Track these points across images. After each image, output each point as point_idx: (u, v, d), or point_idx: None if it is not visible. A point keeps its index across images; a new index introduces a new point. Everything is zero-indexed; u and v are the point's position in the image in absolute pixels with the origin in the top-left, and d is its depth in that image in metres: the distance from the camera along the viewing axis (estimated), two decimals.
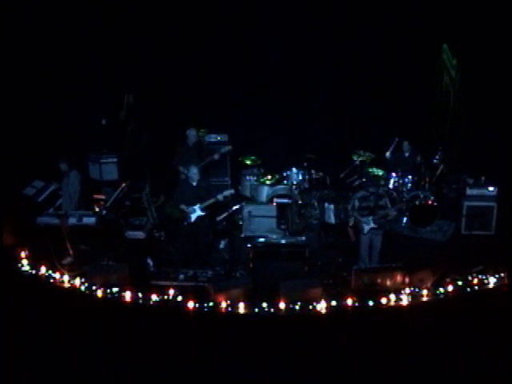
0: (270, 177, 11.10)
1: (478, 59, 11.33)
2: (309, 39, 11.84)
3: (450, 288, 8.22)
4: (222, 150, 10.79)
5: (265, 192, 10.73)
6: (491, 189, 10.23)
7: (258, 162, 11.65)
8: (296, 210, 10.57)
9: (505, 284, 8.35)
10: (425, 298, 8.10)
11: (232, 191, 9.49)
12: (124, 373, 7.00)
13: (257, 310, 7.83)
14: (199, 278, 8.71)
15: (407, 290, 8.16)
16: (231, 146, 11.11)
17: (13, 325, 7.68)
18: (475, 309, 7.81)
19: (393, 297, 8.01)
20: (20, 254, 9.16)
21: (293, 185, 10.94)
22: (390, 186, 10.69)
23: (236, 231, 9.99)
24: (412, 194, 10.51)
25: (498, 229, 10.06)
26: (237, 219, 10.23)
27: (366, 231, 8.85)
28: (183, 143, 10.50)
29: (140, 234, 9.53)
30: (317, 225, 10.51)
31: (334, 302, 7.90)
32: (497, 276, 8.41)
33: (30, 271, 8.87)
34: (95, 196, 10.50)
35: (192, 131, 10.46)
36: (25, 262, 9.04)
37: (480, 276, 8.44)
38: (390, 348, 7.17)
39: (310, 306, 7.82)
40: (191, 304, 7.92)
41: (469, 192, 10.33)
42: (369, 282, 8.32)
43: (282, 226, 10.32)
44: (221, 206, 9.42)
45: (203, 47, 11.92)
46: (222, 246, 9.95)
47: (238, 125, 12.00)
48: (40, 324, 7.65)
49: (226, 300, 7.91)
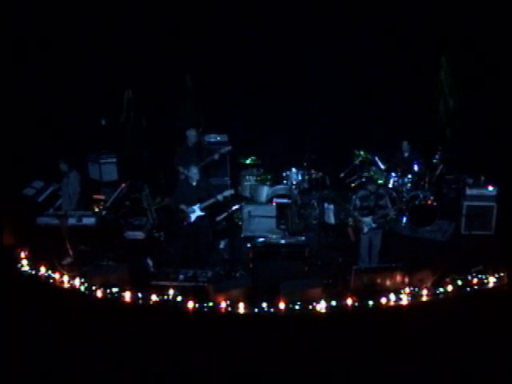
0: (268, 177, 11.10)
1: (477, 59, 11.34)
2: (309, 39, 11.83)
3: (450, 288, 8.22)
4: (222, 151, 10.79)
5: (264, 192, 10.72)
6: (491, 189, 10.22)
7: (258, 162, 11.65)
8: (296, 210, 10.57)
9: (504, 284, 8.36)
10: (424, 298, 8.10)
11: (232, 191, 9.48)
12: (124, 373, 6.99)
13: (257, 310, 7.83)
14: (199, 278, 8.71)
15: (407, 289, 8.16)
16: (231, 147, 11.11)
17: (13, 325, 7.67)
18: (475, 309, 7.80)
19: (392, 297, 8.01)
20: (20, 254, 9.17)
21: (292, 185, 10.95)
22: (390, 185, 10.70)
23: (236, 231, 9.99)
24: (412, 194, 10.52)
25: (497, 229, 10.06)
26: (236, 219, 10.22)
27: (366, 231, 8.86)
28: (183, 143, 10.50)
29: (140, 235, 9.53)
30: (316, 225, 10.49)
31: (333, 302, 7.90)
32: (496, 276, 8.41)
33: (29, 271, 8.87)
34: (95, 196, 10.51)
35: (192, 131, 10.47)
36: (24, 262, 9.05)
37: (480, 276, 8.44)
38: (389, 348, 7.16)
39: (310, 306, 7.82)
40: (191, 304, 7.92)
41: (468, 192, 10.31)
42: (368, 281, 8.32)
43: (282, 226, 10.32)
44: (220, 206, 9.42)
45: (203, 47, 11.91)
46: (221, 246, 9.95)
47: (238, 125, 12.00)
48: (40, 324, 7.64)
49: (225, 300, 7.91)
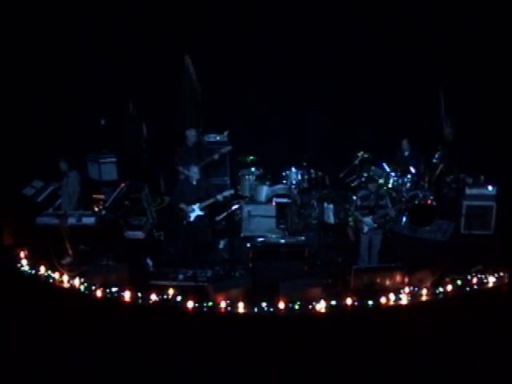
0: (268, 176, 11.09)
1: (477, 58, 11.34)
2: (309, 39, 11.81)
3: (450, 287, 8.23)
4: (222, 151, 10.79)
5: (264, 192, 10.71)
6: (490, 188, 10.22)
7: (258, 161, 11.64)
8: (295, 210, 10.57)
9: (504, 283, 8.36)
10: (424, 298, 8.11)
11: (232, 192, 9.50)
12: (124, 373, 7.00)
13: (256, 309, 7.83)
14: (199, 277, 8.73)
15: (407, 289, 8.16)
16: (231, 147, 11.11)
17: (12, 325, 7.67)
18: (474, 308, 7.81)
19: (392, 296, 8.01)
20: (19, 253, 9.18)
21: (292, 184, 10.95)
22: (390, 185, 10.69)
23: (236, 230, 9.99)
24: (411, 193, 10.52)
25: (497, 228, 10.06)
26: (236, 218, 10.22)
27: (366, 231, 8.86)
28: (183, 143, 10.49)
29: (139, 234, 9.54)
30: (316, 224, 10.49)
31: (333, 302, 7.91)
32: (496, 275, 8.41)
33: (29, 271, 8.87)
34: (94, 196, 10.49)
35: (191, 131, 10.46)
36: (24, 261, 9.06)
37: (479, 275, 8.45)
38: (389, 348, 7.17)
39: (310, 306, 7.82)
40: (191, 304, 7.92)
41: (468, 192, 10.31)
42: (368, 281, 8.33)
43: (282, 226, 10.32)
44: (220, 206, 9.42)
45: (203, 47, 11.90)
46: (221, 245, 9.95)
47: (238, 125, 12.01)
48: (39, 324, 7.64)
49: (225, 300, 7.91)
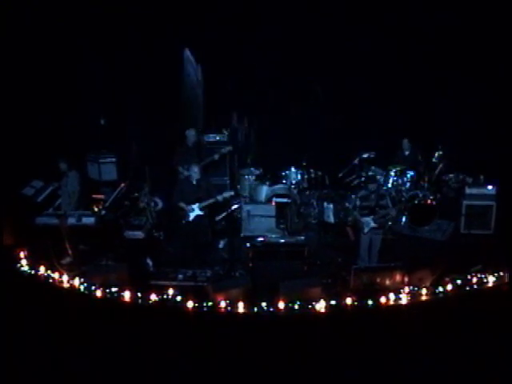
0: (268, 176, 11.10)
1: (477, 58, 11.35)
2: (309, 39, 11.82)
3: (449, 287, 8.22)
4: (222, 151, 10.79)
5: (264, 191, 10.71)
6: (490, 188, 10.22)
7: (257, 161, 11.65)
8: (295, 210, 10.58)
9: (504, 283, 8.36)
10: (424, 298, 8.10)
11: (232, 193, 9.53)
12: (124, 373, 6.99)
13: (256, 309, 7.82)
14: (198, 277, 8.73)
15: (406, 289, 8.15)
16: (231, 147, 11.10)
17: (12, 325, 7.66)
18: (474, 308, 7.81)
19: (392, 296, 8.01)
20: (19, 253, 9.16)
21: (292, 184, 10.95)
22: (389, 185, 10.69)
23: (235, 230, 10.00)
24: (411, 193, 10.51)
25: (496, 228, 10.06)
26: (236, 217, 10.22)
27: (366, 231, 8.86)
28: (183, 143, 10.49)
29: (139, 234, 9.54)
30: (316, 224, 10.50)
31: (333, 302, 7.90)
32: (496, 275, 8.41)
33: (29, 271, 8.86)
34: (94, 196, 10.51)
35: (191, 131, 10.46)
36: (24, 262, 9.04)
37: (479, 275, 8.44)
38: (389, 347, 7.17)
39: (310, 306, 7.82)
40: (190, 304, 7.91)
41: (468, 191, 10.32)
42: (368, 281, 8.32)
43: (281, 226, 10.32)
44: (220, 206, 9.42)
45: (203, 46, 11.90)
46: (221, 245, 9.95)
47: (238, 125, 12.00)
48: (39, 324, 7.63)
49: (225, 300, 7.91)
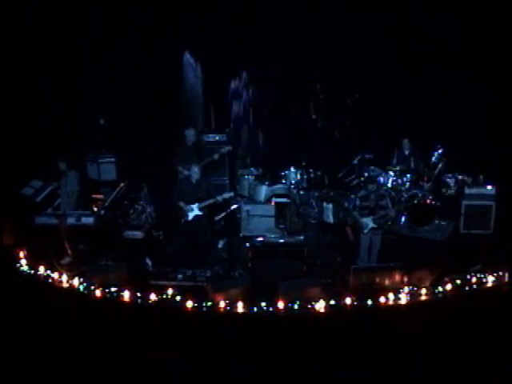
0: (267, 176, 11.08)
1: (477, 58, 11.35)
2: (309, 39, 11.82)
3: (449, 287, 8.23)
4: (222, 150, 10.77)
5: (263, 191, 10.71)
6: (489, 188, 10.22)
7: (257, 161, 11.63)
8: (294, 210, 10.57)
9: (503, 283, 8.36)
10: (423, 298, 8.10)
11: (232, 194, 9.55)
12: (123, 372, 6.99)
13: (255, 309, 7.83)
14: (198, 277, 8.73)
15: (406, 289, 8.16)
16: (231, 146, 11.10)
17: (11, 325, 7.66)
18: (474, 308, 7.81)
19: (391, 296, 8.01)
20: (18, 253, 9.16)
21: (291, 184, 10.95)
22: (389, 185, 10.69)
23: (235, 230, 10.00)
24: (410, 193, 10.51)
25: (496, 228, 10.06)
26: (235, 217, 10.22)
27: (366, 231, 8.86)
28: (182, 143, 10.49)
29: (138, 234, 9.53)
30: (315, 224, 10.47)
31: (332, 302, 7.91)
32: (495, 275, 8.41)
33: (28, 271, 8.86)
34: (94, 196, 10.50)
35: (190, 131, 10.44)
36: (23, 261, 9.04)
37: (478, 275, 8.45)
38: (388, 347, 7.17)
39: (309, 306, 7.82)
40: (190, 304, 7.92)
41: (467, 191, 10.31)
42: (367, 281, 8.33)
43: (281, 226, 10.32)
44: (219, 206, 9.42)
45: (202, 46, 11.91)
46: (220, 245, 9.95)
47: (237, 124, 12.00)
48: (39, 324, 7.63)
49: (224, 300, 7.91)
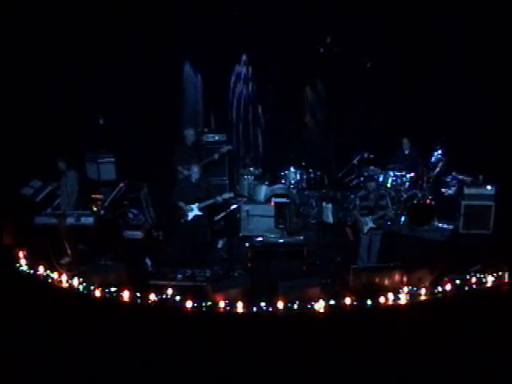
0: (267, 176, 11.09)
1: (476, 58, 11.35)
2: (309, 38, 11.82)
3: (448, 287, 8.23)
4: (222, 150, 10.78)
5: (263, 191, 10.71)
6: (489, 188, 10.22)
7: (256, 161, 11.65)
8: (294, 210, 10.57)
9: (503, 283, 8.36)
10: (423, 297, 8.11)
11: (231, 194, 9.56)
12: (123, 372, 6.99)
13: (255, 309, 7.83)
14: (197, 277, 8.73)
15: (405, 289, 8.16)
16: (231, 146, 11.10)
17: (11, 325, 7.66)
18: (473, 308, 7.81)
19: (391, 296, 8.01)
20: (18, 253, 9.16)
21: (291, 184, 10.94)
22: (388, 184, 10.69)
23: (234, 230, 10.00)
24: (410, 193, 10.51)
25: (495, 228, 10.07)
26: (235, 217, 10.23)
27: (366, 231, 8.86)
28: (182, 143, 10.49)
29: (138, 234, 9.53)
30: (315, 224, 10.49)
31: (332, 302, 7.91)
32: (495, 275, 8.41)
33: (28, 271, 8.86)
34: (93, 196, 10.48)
35: (190, 131, 10.44)
36: (23, 261, 9.04)
37: (478, 275, 8.45)
38: (388, 347, 7.17)
39: (309, 306, 7.83)
40: (189, 304, 7.92)
41: (467, 191, 10.32)
42: (367, 281, 8.33)
43: (280, 226, 10.32)
44: (219, 206, 9.43)
45: (201, 46, 11.91)
46: (220, 245, 9.95)
47: (237, 124, 12.01)
48: (38, 324, 7.63)
49: (224, 300, 7.91)
